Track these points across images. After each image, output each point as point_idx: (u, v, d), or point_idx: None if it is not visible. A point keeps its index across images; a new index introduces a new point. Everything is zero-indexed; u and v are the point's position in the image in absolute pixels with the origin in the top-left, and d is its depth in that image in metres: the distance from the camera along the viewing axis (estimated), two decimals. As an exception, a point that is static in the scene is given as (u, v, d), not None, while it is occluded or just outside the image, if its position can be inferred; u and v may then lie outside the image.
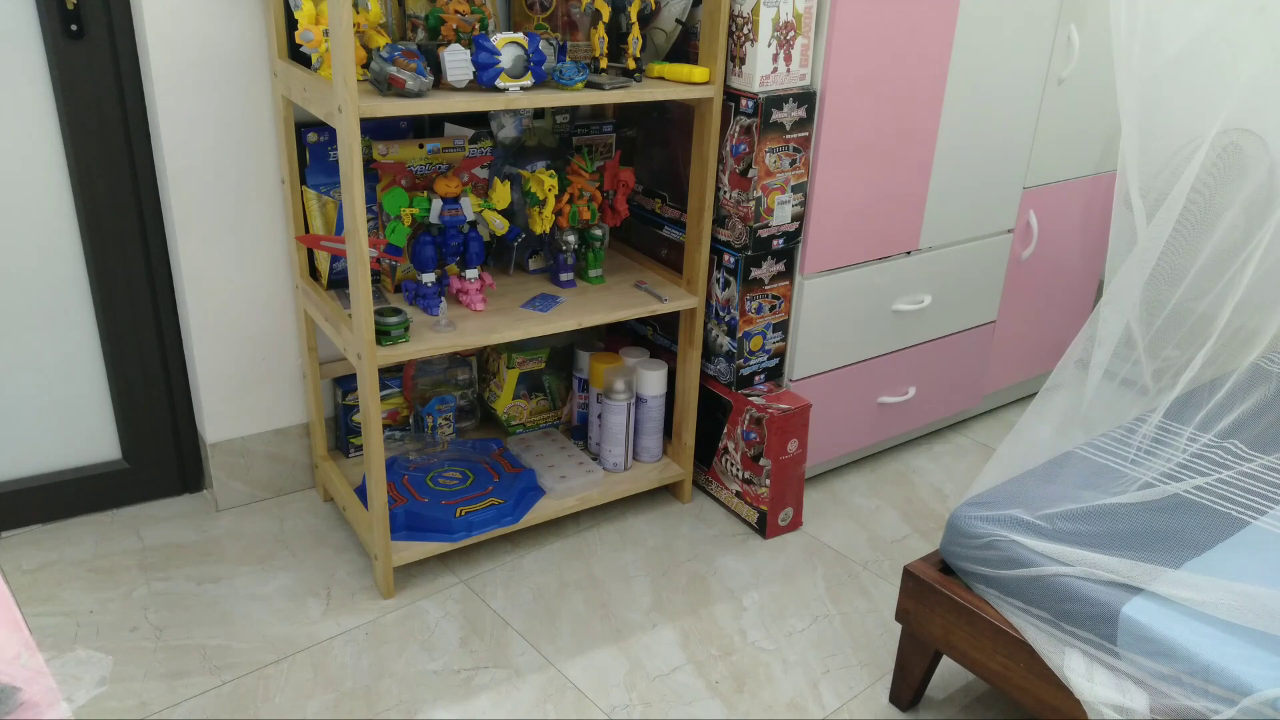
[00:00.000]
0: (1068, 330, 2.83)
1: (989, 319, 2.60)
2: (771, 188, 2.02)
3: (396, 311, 1.83)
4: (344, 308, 1.96)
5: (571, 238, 2.09)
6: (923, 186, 2.26)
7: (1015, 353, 2.75)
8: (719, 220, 2.10)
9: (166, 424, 2.18)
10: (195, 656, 1.79)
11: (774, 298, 2.15)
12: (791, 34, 1.93)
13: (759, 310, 2.14)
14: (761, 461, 2.17)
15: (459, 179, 1.94)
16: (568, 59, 1.84)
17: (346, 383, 2.23)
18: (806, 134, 2.02)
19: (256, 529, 2.15)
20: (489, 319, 1.95)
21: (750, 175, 1.99)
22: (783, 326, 2.19)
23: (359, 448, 2.28)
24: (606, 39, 1.89)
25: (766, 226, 2.05)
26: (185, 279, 2.02)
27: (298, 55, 1.87)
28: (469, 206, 1.94)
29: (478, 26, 1.85)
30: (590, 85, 1.83)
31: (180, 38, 1.86)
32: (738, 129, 1.99)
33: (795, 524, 2.25)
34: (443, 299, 1.95)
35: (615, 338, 2.50)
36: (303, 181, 2.03)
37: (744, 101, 1.96)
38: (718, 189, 2.07)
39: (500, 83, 1.71)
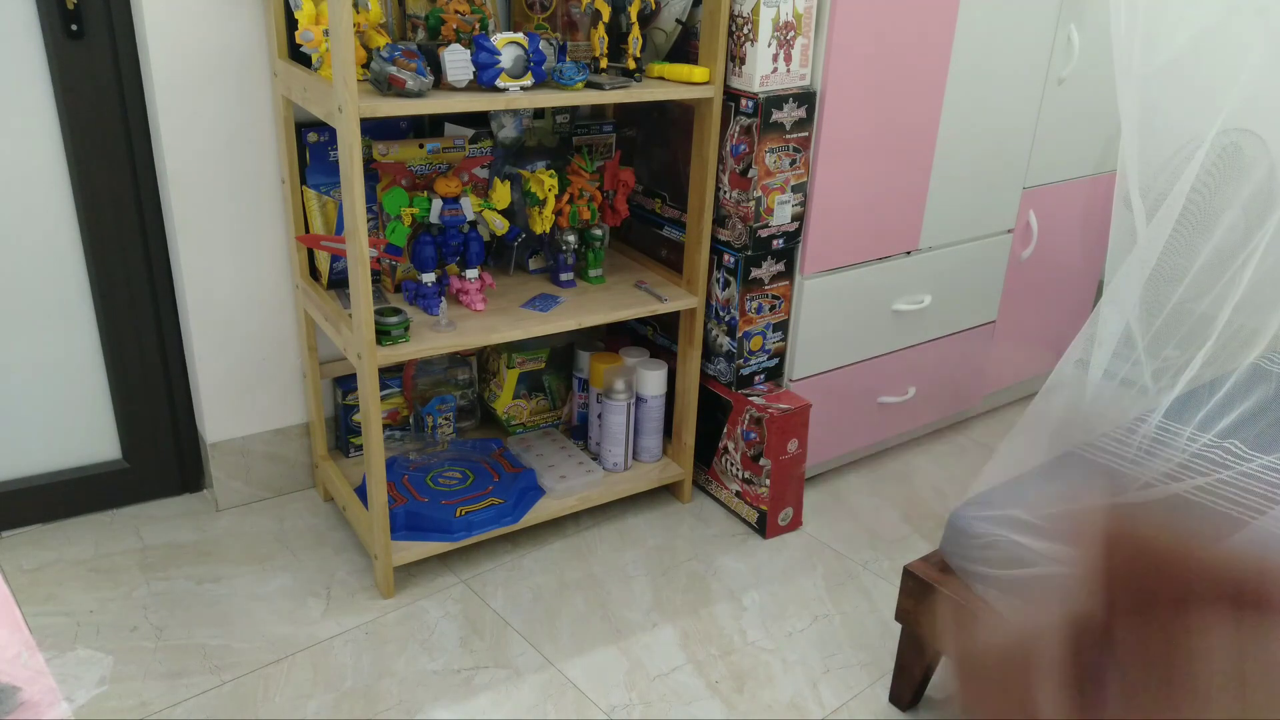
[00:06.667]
0: (1068, 330, 2.83)
1: (989, 319, 2.60)
2: (771, 188, 2.02)
3: (396, 311, 1.83)
4: (344, 308, 1.96)
5: (571, 238, 2.09)
6: (923, 186, 2.26)
7: (1015, 353, 2.75)
8: (719, 220, 2.10)
9: (166, 424, 2.18)
10: (195, 656, 1.79)
11: (774, 298, 2.15)
12: (791, 34, 1.93)
13: (759, 310, 2.14)
14: (761, 461, 2.17)
15: (459, 179, 1.93)
16: (568, 59, 1.84)
17: (346, 383, 2.23)
18: (806, 134, 2.02)
19: (256, 529, 2.15)
20: (489, 319, 1.95)
21: (750, 175, 1.99)
22: (783, 326, 2.19)
23: (359, 448, 2.28)
24: (606, 39, 1.89)
25: (766, 226, 2.05)
26: (185, 279, 2.02)
27: (298, 55, 1.86)
28: (469, 206, 1.94)
29: (478, 26, 1.85)
30: (590, 85, 1.83)
31: (180, 38, 1.86)
32: (738, 129, 1.99)
33: (795, 524, 2.25)
34: (443, 299, 1.95)
35: (615, 338, 2.50)
36: (303, 181, 2.03)
37: (744, 101, 1.96)
38: (718, 189, 2.07)
39: (500, 83, 1.71)
